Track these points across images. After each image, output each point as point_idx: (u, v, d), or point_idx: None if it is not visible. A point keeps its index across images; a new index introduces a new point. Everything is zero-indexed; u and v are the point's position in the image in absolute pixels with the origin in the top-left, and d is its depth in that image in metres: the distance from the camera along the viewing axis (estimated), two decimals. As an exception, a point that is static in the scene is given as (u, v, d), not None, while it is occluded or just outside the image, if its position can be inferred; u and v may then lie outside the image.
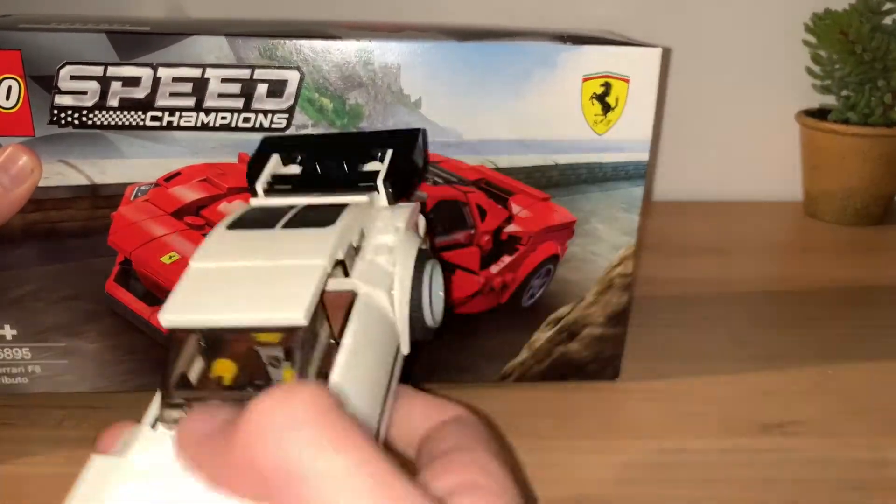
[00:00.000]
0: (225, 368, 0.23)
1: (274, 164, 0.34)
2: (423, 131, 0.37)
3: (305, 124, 0.37)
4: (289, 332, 0.22)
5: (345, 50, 0.37)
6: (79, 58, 0.35)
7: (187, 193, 0.38)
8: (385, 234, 0.30)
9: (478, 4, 0.73)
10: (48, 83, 0.35)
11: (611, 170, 0.41)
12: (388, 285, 0.27)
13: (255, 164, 0.34)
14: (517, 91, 0.38)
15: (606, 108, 0.39)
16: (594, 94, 0.39)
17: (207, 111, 0.37)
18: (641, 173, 0.41)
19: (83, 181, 0.37)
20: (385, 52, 0.37)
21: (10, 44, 0.34)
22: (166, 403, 0.22)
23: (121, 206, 0.38)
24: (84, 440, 0.38)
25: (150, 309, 0.40)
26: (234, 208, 0.39)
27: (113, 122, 0.36)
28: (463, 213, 0.41)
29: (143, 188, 0.38)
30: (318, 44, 0.36)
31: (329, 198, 0.31)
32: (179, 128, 0.37)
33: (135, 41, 0.35)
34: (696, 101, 0.78)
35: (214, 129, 0.37)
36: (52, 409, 0.41)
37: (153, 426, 0.22)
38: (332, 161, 0.33)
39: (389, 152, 0.33)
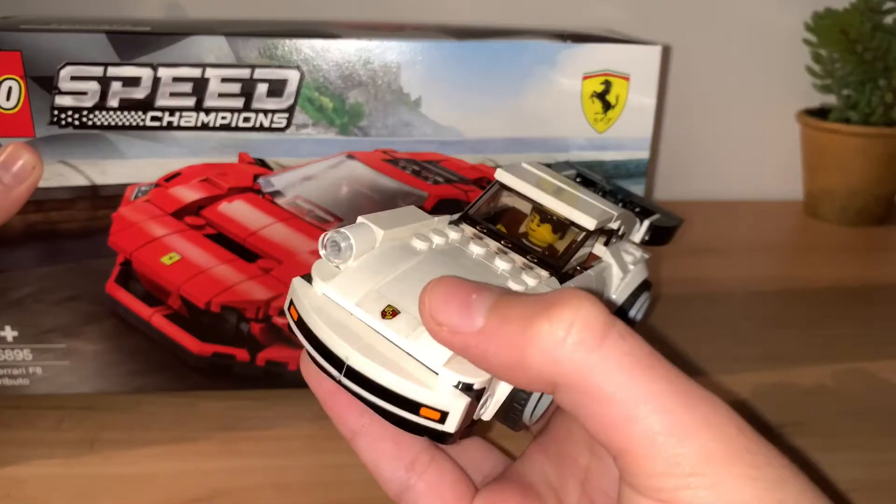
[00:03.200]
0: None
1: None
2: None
3: (306, 123, 0.37)
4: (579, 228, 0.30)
5: (344, 49, 0.37)
6: (79, 58, 0.35)
7: (188, 193, 0.38)
8: (633, 251, 0.35)
9: (478, 5, 0.73)
10: (48, 84, 0.35)
11: (611, 168, 0.41)
12: (622, 273, 0.34)
13: None
14: (517, 89, 0.38)
15: (607, 107, 0.39)
16: (594, 92, 0.39)
17: (207, 111, 0.37)
18: (642, 171, 0.41)
19: (83, 182, 0.37)
20: (385, 50, 0.37)
21: (11, 45, 0.34)
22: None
23: (121, 207, 0.38)
24: (82, 442, 0.38)
25: (150, 310, 0.39)
26: (234, 209, 0.39)
27: (113, 123, 0.36)
28: (463, 212, 0.40)
29: (143, 188, 0.38)
30: (318, 43, 0.36)
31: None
32: (180, 128, 0.37)
33: (135, 41, 0.35)
34: (697, 101, 0.78)
35: (214, 128, 0.37)
36: (51, 411, 0.40)
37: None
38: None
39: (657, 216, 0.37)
